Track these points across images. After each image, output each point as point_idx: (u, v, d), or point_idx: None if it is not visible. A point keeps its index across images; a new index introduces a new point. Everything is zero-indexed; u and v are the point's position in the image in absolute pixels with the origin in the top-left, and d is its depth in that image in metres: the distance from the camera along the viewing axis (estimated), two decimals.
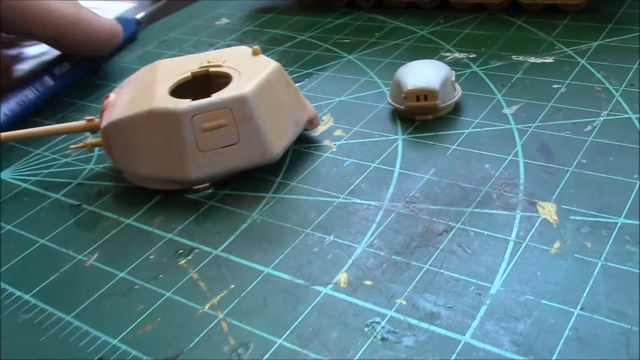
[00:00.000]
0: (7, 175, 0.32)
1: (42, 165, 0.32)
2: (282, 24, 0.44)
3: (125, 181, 0.29)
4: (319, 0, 0.46)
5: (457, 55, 0.35)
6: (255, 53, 0.30)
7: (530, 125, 0.28)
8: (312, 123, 0.29)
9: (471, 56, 0.35)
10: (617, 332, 0.18)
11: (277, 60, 0.32)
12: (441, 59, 0.35)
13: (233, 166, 0.26)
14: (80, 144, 0.30)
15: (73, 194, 0.29)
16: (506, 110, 0.30)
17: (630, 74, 0.31)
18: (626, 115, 0.28)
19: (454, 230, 0.23)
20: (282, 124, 0.27)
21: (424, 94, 0.29)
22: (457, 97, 0.30)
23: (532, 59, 0.34)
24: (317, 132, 0.31)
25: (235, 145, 0.26)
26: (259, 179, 0.28)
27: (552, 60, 0.33)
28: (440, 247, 0.22)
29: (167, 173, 0.27)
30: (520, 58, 0.34)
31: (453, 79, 0.30)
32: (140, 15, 0.48)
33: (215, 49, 0.42)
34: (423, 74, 0.29)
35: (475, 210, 0.24)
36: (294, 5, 0.47)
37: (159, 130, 0.26)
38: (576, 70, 0.32)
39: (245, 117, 0.26)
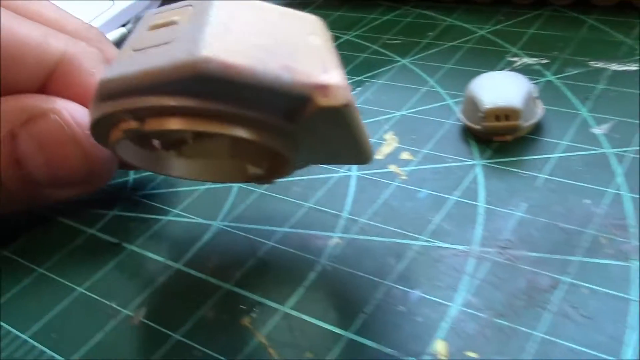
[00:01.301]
0: None
1: None
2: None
3: (168, 214, 0.26)
4: None
5: (526, 60, 0.32)
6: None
7: (628, 148, 0.25)
8: (324, 91, 0.17)
9: (543, 62, 0.31)
10: None
11: None
12: (509, 65, 0.32)
13: (145, 67, 0.17)
14: None
15: (110, 229, 0.26)
16: (595, 130, 0.26)
17: None
18: None
19: (562, 286, 0.20)
20: (256, 48, 0.17)
21: (504, 114, 0.25)
22: (539, 116, 0.27)
23: (614, 66, 0.30)
24: (381, 154, 0.27)
25: (165, 44, 0.17)
26: (323, 215, 0.25)
27: (638, 68, 0.30)
28: (550, 308, 0.19)
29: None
30: (600, 65, 0.30)
31: (535, 94, 0.27)
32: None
33: None
34: (503, 89, 0.26)
35: (583, 259, 0.21)
36: (332, 0, 0.43)
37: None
38: None
39: (198, 14, 0.18)
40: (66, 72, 0.24)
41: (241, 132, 0.18)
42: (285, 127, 0.19)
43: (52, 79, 0.24)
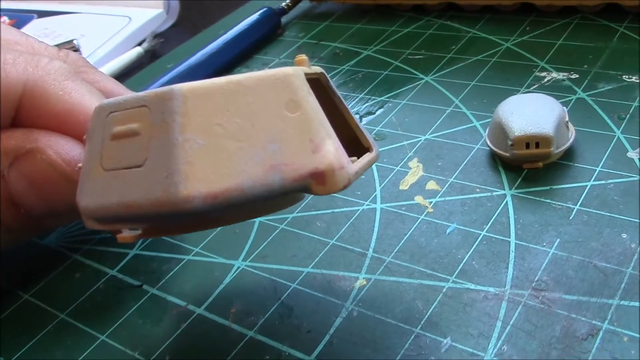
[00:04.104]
0: (54, 240, 0.28)
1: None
2: (341, 35, 0.39)
3: (189, 253, 0.25)
4: (379, 4, 0.41)
5: (555, 75, 0.31)
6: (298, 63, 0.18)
7: None
8: (320, 179, 0.16)
9: (573, 77, 0.30)
10: None
11: (342, 83, 0.27)
12: (537, 81, 0.30)
13: (126, 201, 0.16)
14: None
15: (131, 270, 0.26)
16: (632, 154, 0.25)
17: None
18: None
19: (601, 333, 0.19)
20: (235, 157, 0.16)
21: (535, 141, 0.24)
22: (571, 141, 0.25)
23: None
24: (406, 185, 0.26)
25: (138, 168, 0.16)
26: (346, 252, 0.24)
27: None
28: (588, 359, 0.18)
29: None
30: (634, 79, 0.29)
31: (567, 119, 0.25)
32: (284, 3, 0.42)
33: (270, 67, 0.37)
34: (532, 114, 0.25)
35: (622, 303, 0.20)
36: (351, 11, 0.42)
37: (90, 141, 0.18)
38: None
39: (162, 125, 0.16)
40: (34, 100, 0.23)
41: (241, 219, 0.18)
42: (287, 197, 0.18)
43: (22, 109, 0.23)
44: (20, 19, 0.52)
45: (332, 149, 0.16)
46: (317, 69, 0.18)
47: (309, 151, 0.16)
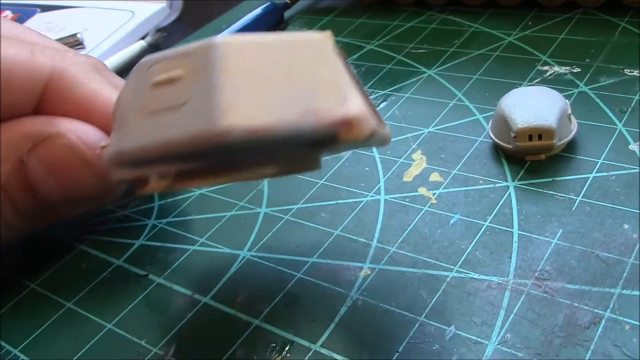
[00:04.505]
0: (60, 231, 0.28)
1: (98, 220, 0.29)
2: (344, 30, 0.39)
3: (195, 243, 0.26)
4: None
5: (557, 69, 0.31)
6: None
7: None
8: (348, 126, 0.17)
9: (575, 71, 0.30)
10: None
11: None
12: (540, 75, 0.31)
13: (165, 137, 0.17)
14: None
15: (137, 260, 0.26)
16: (634, 147, 0.25)
17: None
18: None
19: (603, 322, 0.19)
20: (273, 99, 0.16)
21: (538, 133, 0.25)
22: (573, 133, 0.26)
23: None
24: (410, 177, 0.26)
25: (179, 108, 0.17)
26: (350, 243, 0.24)
27: None
28: (592, 348, 0.19)
29: (116, 147, 0.18)
30: (636, 73, 0.29)
31: (569, 111, 0.26)
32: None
33: None
34: (535, 107, 0.25)
35: (624, 292, 0.20)
36: (354, 5, 0.42)
37: (127, 91, 0.19)
38: None
39: (204, 70, 0.17)
40: (59, 87, 0.24)
41: (265, 172, 0.18)
42: (309, 154, 0.19)
43: (46, 96, 0.24)
44: (23, 13, 0.52)
45: (359, 102, 0.17)
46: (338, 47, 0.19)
47: (339, 101, 0.17)
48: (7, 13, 0.53)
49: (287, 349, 0.21)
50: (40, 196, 0.23)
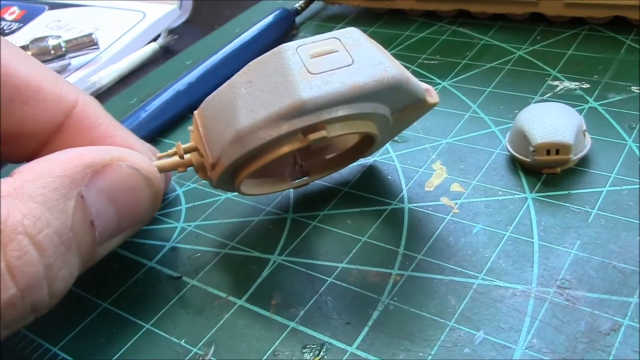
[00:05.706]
0: None
1: None
2: None
3: (225, 247, 0.27)
4: (392, 8, 0.42)
5: (567, 84, 0.32)
6: None
7: None
8: (430, 93, 0.26)
9: (584, 86, 0.32)
10: None
11: None
12: (551, 89, 0.32)
13: (352, 83, 0.22)
14: (171, 151, 0.25)
15: (169, 262, 0.27)
16: None
17: None
18: None
19: (622, 329, 0.21)
20: (397, 63, 0.24)
21: (555, 148, 0.26)
22: (587, 148, 0.27)
23: None
24: (431, 186, 0.28)
25: (349, 66, 0.23)
26: (378, 249, 0.25)
27: None
28: (613, 353, 0.20)
29: (275, 107, 0.22)
30: None
31: (584, 127, 0.27)
32: (297, 4, 0.44)
33: None
34: (553, 123, 0.26)
35: None
36: (364, 14, 0.43)
37: (261, 74, 0.23)
38: None
39: (355, 44, 0.23)
40: (85, 114, 0.24)
41: (373, 129, 0.25)
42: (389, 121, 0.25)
43: (69, 121, 0.24)
44: (30, 10, 0.52)
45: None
46: None
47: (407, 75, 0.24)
48: (14, 9, 0.53)
49: (323, 350, 0.22)
50: (97, 231, 0.22)
